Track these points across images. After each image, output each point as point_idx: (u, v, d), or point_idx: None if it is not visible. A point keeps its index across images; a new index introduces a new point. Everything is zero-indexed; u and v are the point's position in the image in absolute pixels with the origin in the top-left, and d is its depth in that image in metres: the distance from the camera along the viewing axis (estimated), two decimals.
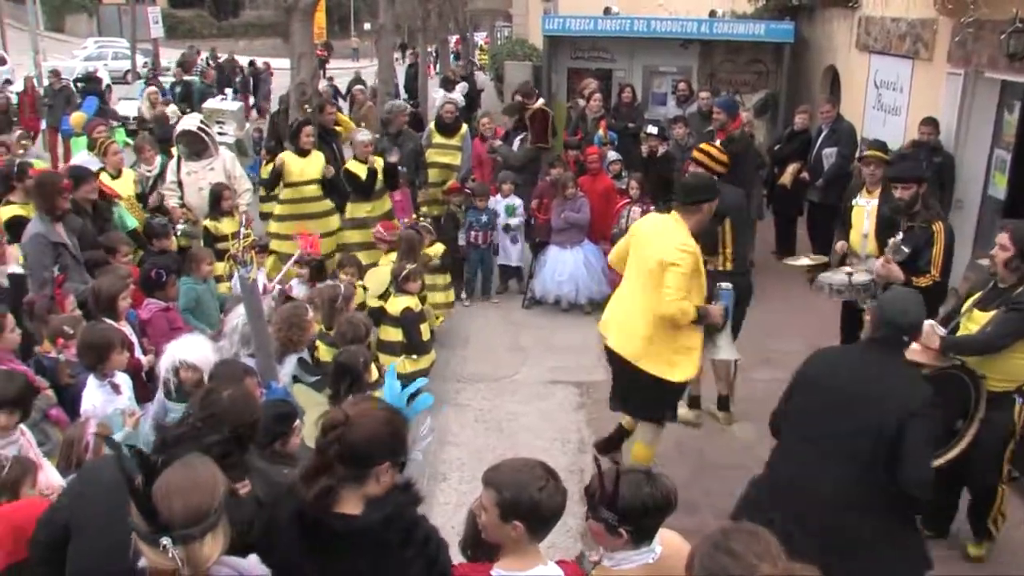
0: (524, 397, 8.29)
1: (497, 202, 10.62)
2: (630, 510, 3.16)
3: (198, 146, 9.38)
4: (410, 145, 10.74)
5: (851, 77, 13.18)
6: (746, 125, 11.26)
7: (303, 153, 9.64)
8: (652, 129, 11.13)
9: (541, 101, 11.32)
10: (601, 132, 11.62)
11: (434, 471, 6.82)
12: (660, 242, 5.79)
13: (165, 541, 2.40)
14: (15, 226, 7.37)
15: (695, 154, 7.94)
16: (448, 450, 7.28)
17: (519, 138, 11.24)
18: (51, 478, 4.43)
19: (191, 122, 9.75)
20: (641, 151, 11.09)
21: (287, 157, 9.65)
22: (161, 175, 9.51)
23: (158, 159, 9.73)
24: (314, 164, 9.66)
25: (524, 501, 2.99)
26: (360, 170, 9.67)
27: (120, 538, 2.65)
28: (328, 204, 9.78)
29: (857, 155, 10.60)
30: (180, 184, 9.24)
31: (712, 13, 15.13)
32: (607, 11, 15.50)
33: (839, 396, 4.32)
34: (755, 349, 8.32)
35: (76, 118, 12.46)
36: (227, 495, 2.63)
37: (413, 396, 4.06)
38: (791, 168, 11.44)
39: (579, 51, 15.81)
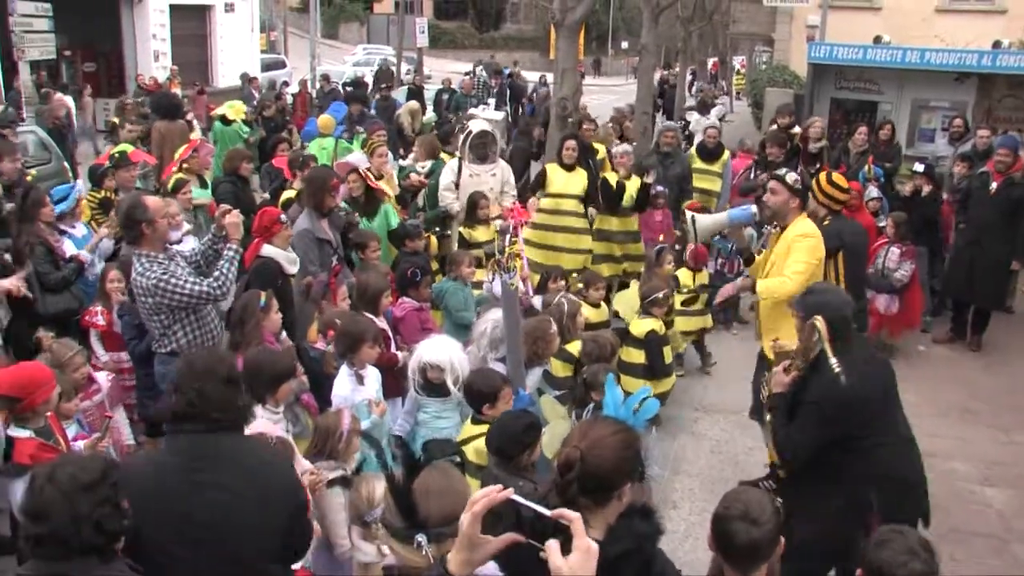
0: (763, 434, 8.01)
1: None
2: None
3: (486, 149, 9.57)
4: (678, 169, 10.66)
5: None
6: None
7: (568, 168, 9.63)
8: (918, 167, 10.55)
9: (797, 128, 10.96)
10: (867, 167, 11.12)
11: (665, 498, 6.70)
12: None
13: (420, 538, 2.44)
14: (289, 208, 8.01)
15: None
16: (681, 479, 7.14)
17: (797, 170, 10.83)
18: (296, 460, 4.61)
19: (484, 124, 10.03)
20: (896, 192, 10.52)
21: (551, 169, 9.70)
22: (429, 176, 9.86)
23: (429, 161, 10.07)
24: (577, 180, 9.61)
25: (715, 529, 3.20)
26: (613, 180, 9.65)
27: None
28: (584, 222, 9.72)
29: None
30: (457, 186, 9.40)
31: (996, 44, 14.14)
32: (877, 40, 14.85)
33: None
34: (1016, 409, 7.72)
35: (324, 121, 12.97)
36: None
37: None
38: None
39: (844, 81, 15.21)
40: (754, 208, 6.44)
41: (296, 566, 3.79)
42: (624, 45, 57.28)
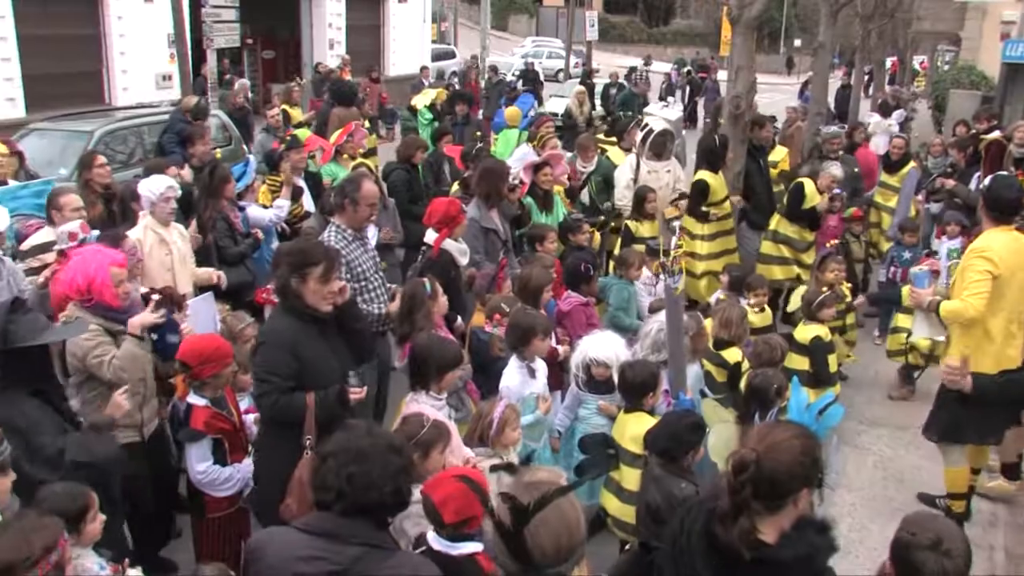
0: (930, 452, 7.46)
1: (941, 243, 9.78)
2: None
3: (664, 147, 9.52)
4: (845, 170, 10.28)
5: None
6: None
7: (718, 171, 9.39)
8: None
9: (997, 133, 10.35)
10: None
11: (823, 513, 6.44)
12: None
13: None
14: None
15: None
16: (841, 494, 6.85)
17: (976, 176, 10.33)
18: (457, 446, 4.65)
19: (661, 123, 10.01)
20: None
21: (706, 178, 9.36)
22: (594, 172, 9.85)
23: (596, 159, 10.05)
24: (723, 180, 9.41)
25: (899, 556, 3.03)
26: (812, 193, 9.31)
27: None
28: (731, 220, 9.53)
29: None
30: (635, 182, 9.35)
31: None
32: None
33: None
34: None
35: (511, 112, 13.05)
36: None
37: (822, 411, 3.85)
38: None
39: None
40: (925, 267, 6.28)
41: (479, 549, 3.80)
42: (797, 43, 55.74)
